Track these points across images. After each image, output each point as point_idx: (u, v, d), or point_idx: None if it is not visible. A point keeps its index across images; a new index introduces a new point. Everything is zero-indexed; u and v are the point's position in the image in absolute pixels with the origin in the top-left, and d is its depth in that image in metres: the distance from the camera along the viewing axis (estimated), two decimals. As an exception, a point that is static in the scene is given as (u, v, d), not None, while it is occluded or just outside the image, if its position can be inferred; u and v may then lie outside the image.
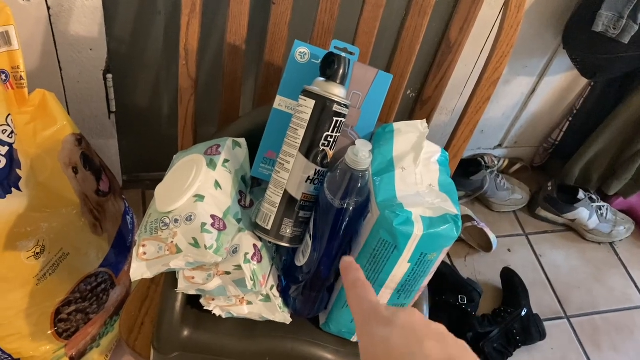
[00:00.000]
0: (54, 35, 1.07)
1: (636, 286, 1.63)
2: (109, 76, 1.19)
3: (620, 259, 1.68)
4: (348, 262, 0.48)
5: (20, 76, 0.89)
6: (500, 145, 1.73)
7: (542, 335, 1.40)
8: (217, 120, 0.96)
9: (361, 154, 0.65)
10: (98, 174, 1.04)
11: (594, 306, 1.55)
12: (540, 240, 1.67)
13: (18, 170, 0.87)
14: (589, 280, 1.61)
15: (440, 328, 0.40)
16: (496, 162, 1.70)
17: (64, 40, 1.09)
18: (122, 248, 1.09)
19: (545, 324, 1.43)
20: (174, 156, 0.81)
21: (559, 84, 1.55)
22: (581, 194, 1.66)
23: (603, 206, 1.68)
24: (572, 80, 1.55)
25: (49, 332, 0.97)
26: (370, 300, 0.43)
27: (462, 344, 0.38)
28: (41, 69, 1.11)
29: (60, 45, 1.10)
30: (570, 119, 1.63)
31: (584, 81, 1.56)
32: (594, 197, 1.68)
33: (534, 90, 1.55)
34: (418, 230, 0.64)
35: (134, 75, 1.23)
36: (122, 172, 1.45)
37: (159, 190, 0.74)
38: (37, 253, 0.90)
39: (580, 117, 1.61)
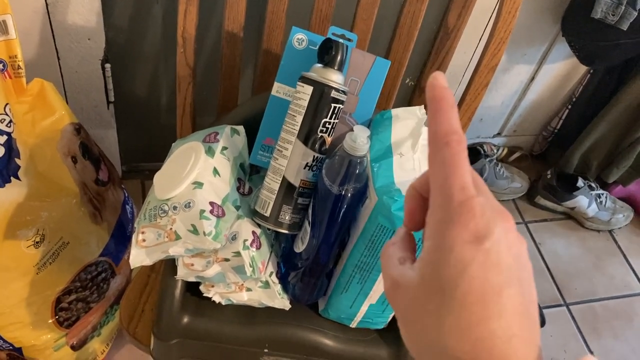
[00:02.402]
0: (51, 25, 1.07)
1: (635, 273, 1.63)
2: (107, 66, 1.19)
3: (619, 247, 1.69)
4: (441, 89, 0.30)
5: (18, 65, 0.89)
6: (499, 134, 1.73)
7: (541, 322, 1.41)
8: (216, 109, 0.96)
9: (359, 140, 0.65)
10: (97, 164, 1.04)
11: (593, 293, 1.56)
12: (539, 228, 1.68)
13: (17, 160, 0.87)
14: (588, 267, 1.62)
15: (527, 266, 0.30)
16: (495, 151, 1.70)
17: (62, 29, 1.09)
18: (121, 237, 1.10)
19: (545, 311, 1.43)
20: (173, 144, 0.81)
21: (558, 71, 1.55)
22: (580, 182, 1.66)
23: (602, 194, 1.68)
24: (571, 68, 1.55)
25: (50, 320, 0.98)
26: (462, 184, 0.29)
27: (535, 295, 0.30)
28: (39, 58, 1.11)
29: (58, 35, 1.09)
30: (570, 106, 1.63)
31: (583, 69, 1.55)
32: (593, 185, 1.68)
33: (533, 78, 1.55)
34: (416, 216, 0.64)
35: (132, 64, 1.23)
36: (121, 162, 1.45)
37: (158, 177, 0.74)
38: (37, 242, 0.91)
39: (580, 105, 1.61)
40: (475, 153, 1.64)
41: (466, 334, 0.28)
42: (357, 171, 0.67)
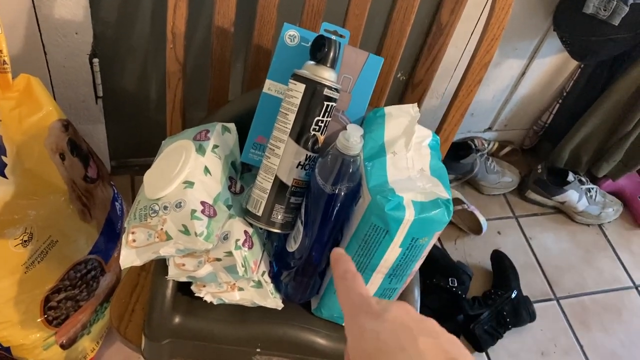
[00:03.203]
0: (37, 19, 1.05)
1: (624, 267, 1.64)
2: (95, 60, 1.17)
3: (608, 241, 1.70)
4: (338, 254, 0.45)
5: (4, 60, 0.87)
6: (490, 128, 1.73)
7: (532, 316, 1.42)
8: (206, 104, 0.95)
9: (352, 139, 0.64)
10: (86, 160, 1.03)
11: (583, 287, 1.57)
12: (530, 222, 1.68)
13: (3, 157, 0.85)
14: (578, 262, 1.62)
15: (434, 324, 0.38)
16: (486, 145, 1.70)
17: (48, 23, 1.07)
18: (111, 235, 1.09)
19: (535, 305, 1.44)
20: (163, 142, 0.80)
21: (549, 66, 1.55)
22: (571, 177, 1.66)
23: (592, 188, 1.69)
24: (562, 63, 1.55)
25: (39, 319, 0.97)
26: (359, 292, 0.41)
27: (455, 340, 0.37)
28: (25, 53, 1.09)
29: (44, 29, 1.07)
30: (560, 101, 1.63)
31: (574, 63, 1.55)
32: (583, 179, 1.69)
33: (524, 73, 1.55)
34: (409, 215, 0.64)
35: (120, 59, 1.21)
36: (110, 158, 1.43)
37: (148, 176, 0.73)
38: (25, 241, 0.89)
39: (570, 100, 1.61)
40: (466, 148, 1.64)
41: None
42: (350, 170, 0.66)
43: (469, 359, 0.36)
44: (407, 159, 0.70)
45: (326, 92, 0.68)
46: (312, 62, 0.69)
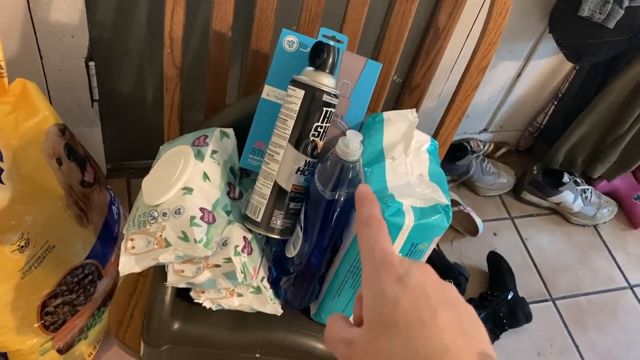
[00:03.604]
0: (33, 22, 1.04)
1: (619, 268, 1.65)
2: (92, 64, 1.16)
3: (604, 241, 1.71)
4: (363, 192, 0.40)
5: (0, 65, 0.86)
6: (485, 130, 1.74)
7: (528, 317, 1.42)
8: (204, 107, 0.95)
9: (352, 145, 0.64)
10: (83, 165, 1.02)
11: (579, 288, 1.57)
12: (525, 223, 1.69)
13: (0, 163, 0.85)
14: (574, 262, 1.63)
15: (453, 292, 0.36)
16: (482, 147, 1.70)
17: (44, 27, 1.06)
18: (108, 239, 1.08)
19: (531, 306, 1.44)
20: (161, 147, 0.80)
21: (544, 68, 1.56)
22: (566, 178, 1.67)
23: (587, 189, 1.70)
24: (558, 64, 1.56)
25: (36, 325, 0.96)
26: (383, 248, 0.37)
27: (471, 312, 0.35)
28: (21, 57, 1.08)
29: (40, 33, 1.07)
30: (556, 102, 1.64)
31: (569, 65, 1.56)
32: (578, 180, 1.70)
33: (520, 75, 1.55)
34: (409, 221, 0.64)
35: (117, 62, 1.21)
36: (107, 161, 1.42)
37: (146, 182, 0.73)
38: (22, 246, 0.89)
39: (566, 101, 1.62)
40: (462, 149, 1.64)
41: (416, 354, 0.32)
42: (350, 176, 0.66)
43: (482, 336, 0.34)
44: (406, 165, 0.70)
45: (325, 98, 0.68)
46: (311, 68, 0.69)
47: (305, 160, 0.69)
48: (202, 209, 0.68)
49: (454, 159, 1.61)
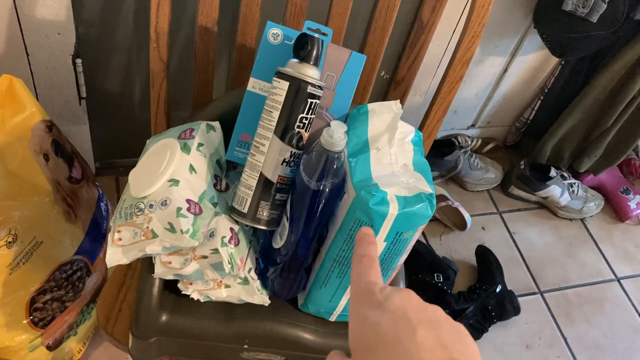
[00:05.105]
0: (19, 19, 1.04)
1: (606, 260, 1.67)
2: (79, 61, 1.16)
3: (590, 235, 1.72)
4: (363, 234, 0.42)
5: (-14, 62, 0.86)
6: (473, 125, 1.75)
7: (516, 310, 1.43)
8: (191, 103, 0.95)
9: (336, 135, 0.65)
10: (70, 161, 1.02)
11: (566, 281, 1.59)
12: (513, 218, 1.70)
13: (-14, 159, 0.85)
14: (561, 256, 1.65)
15: (437, 312, 0.37)
16: (469, 142, 1.72)
17: (30, 24, 1.06)
18: (96, 235, 1.08)
19: (520, 299, 1.46)
20: (147, 140, 0.80)
21: (530, 63, 1.57)
22: (553, 172, 1.69)
23: (574, 183, 1.71)
24: (543, 60, 1.57)
25: (24, 321, 0.96)
26: (368, 279, 0.39)
27: (459, 329, 0.36)
28: (7, 54, 1.08)
29: (26, 30, 1.07)
30: (542, 97, 1.65)
31: (554, 60, 1.57)
32: (565, 174, 1.71)
33: (506, 70, 1.57)
34: (393, 210, 0.64)
35: (104, 59, 1.21)
36: (95, 159, 1.42)
37: (133, 175, 0.73)
38: (10, 242, 0.89)
39: (552, 96, 1.63)
40: (449, 145, 1.66)
41: None
42: (335, 166, 0.67)
43: (470, 351, 0.35)
44: (390, 155, 0.71)
45: (310, 89, 0.68)
46: (295, 60, 0.70)
47: (291, 152, 0.70)
48: (188, 201, 0.68)
49: (442, 154, 1.62)
